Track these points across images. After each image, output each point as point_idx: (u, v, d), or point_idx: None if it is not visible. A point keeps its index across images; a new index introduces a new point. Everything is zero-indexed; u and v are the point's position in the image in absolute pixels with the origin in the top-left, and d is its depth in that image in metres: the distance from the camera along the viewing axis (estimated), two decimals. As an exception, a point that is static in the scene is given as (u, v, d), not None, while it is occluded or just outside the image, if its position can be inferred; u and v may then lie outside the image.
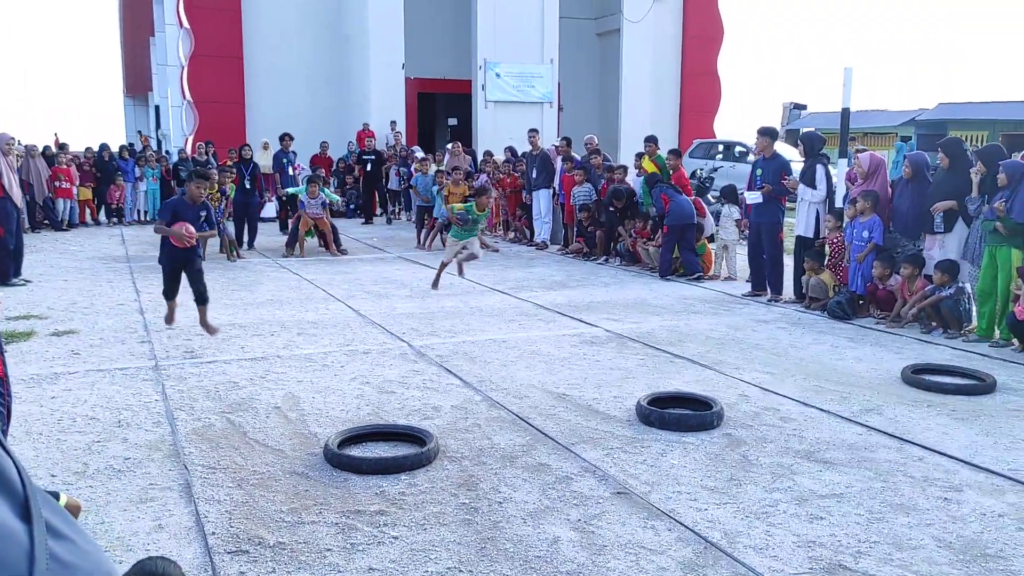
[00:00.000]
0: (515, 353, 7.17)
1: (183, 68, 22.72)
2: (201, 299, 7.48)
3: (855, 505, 4.15)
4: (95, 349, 7.19)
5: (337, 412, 5.56)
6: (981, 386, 6.12)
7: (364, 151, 18.73)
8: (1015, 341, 7.41)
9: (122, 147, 19.36)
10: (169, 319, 7.79)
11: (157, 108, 26.22)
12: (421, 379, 6.35)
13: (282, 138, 17.22)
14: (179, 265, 7.49)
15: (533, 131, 15.01)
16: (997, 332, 7.68)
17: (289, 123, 20.92)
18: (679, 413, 5.33)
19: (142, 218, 18.41)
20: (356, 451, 4.84)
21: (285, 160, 17.11)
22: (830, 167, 9.62)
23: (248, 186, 14.02)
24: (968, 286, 7.97)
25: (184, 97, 22.92)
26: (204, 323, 7.51)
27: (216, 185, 12.45)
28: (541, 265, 12.58)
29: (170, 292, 7.64)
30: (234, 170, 13.94)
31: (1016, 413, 5.63)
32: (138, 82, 34.94)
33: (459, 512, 4.06)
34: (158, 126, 26.10)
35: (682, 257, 11.36)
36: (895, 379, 6.43)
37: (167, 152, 21.30)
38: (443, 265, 9.98)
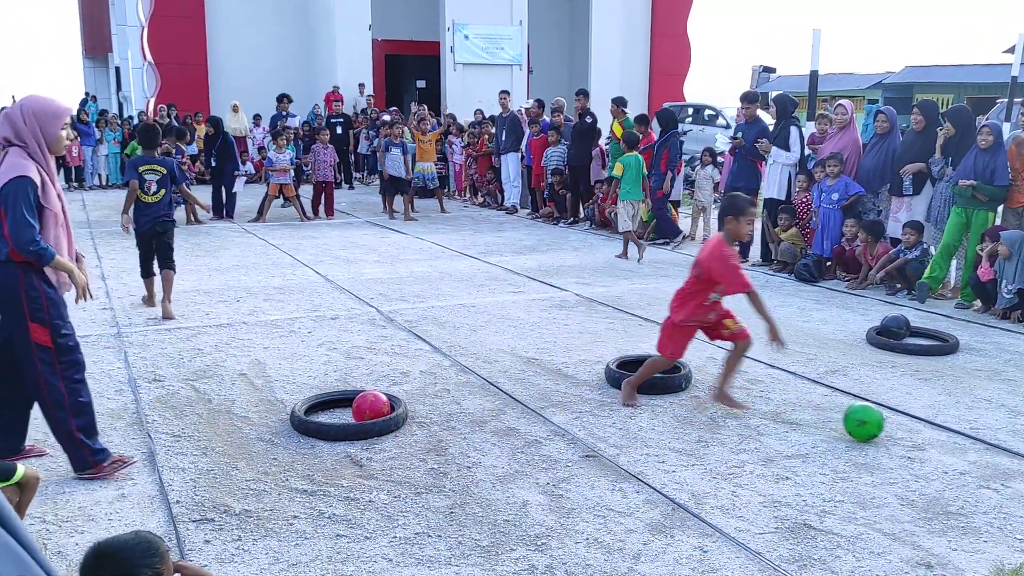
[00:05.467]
0: (484, 318, 7.14)
1: (143, 28, 22.14)
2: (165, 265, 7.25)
3: (820, 465, 4.20)
4: (56, 316, 7.04)
5: (304, 378, 5.51)
6: (944, 347, 6.20)
7: (332, 115, 18.41)
8: (977, 302, 7.51)
9: (80, 109, 18.81)
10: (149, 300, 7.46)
11: (118, 69, 25.57)
12: (390, 344, 6.30)
13: (280, 99, 16.86)
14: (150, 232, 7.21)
15: (504, 92, 14.80)
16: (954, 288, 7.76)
17: (254, 86, 20.51)
18: (648, 376, 5.34)
19: (103, 183, 18.00)
20: (323, 417, 4.80)
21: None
22: (803, 129, 9.62)
23: (214, 163, 13.09)
24: (932, 248, 8.04)
25: (145, 58, 22.36)
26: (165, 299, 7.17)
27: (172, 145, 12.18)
28: (511, 229, 12.52)
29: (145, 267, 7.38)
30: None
31: (977, 373, 5.72)
32: (97, 43, 34.00)
33: (428, 477, 4.04)
34: (119, 88, 25.46)
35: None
36: (860, 340, 6.50)
37: (129, 117, 20.79)
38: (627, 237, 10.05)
